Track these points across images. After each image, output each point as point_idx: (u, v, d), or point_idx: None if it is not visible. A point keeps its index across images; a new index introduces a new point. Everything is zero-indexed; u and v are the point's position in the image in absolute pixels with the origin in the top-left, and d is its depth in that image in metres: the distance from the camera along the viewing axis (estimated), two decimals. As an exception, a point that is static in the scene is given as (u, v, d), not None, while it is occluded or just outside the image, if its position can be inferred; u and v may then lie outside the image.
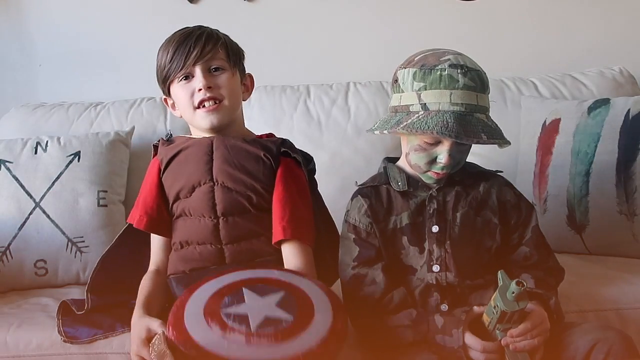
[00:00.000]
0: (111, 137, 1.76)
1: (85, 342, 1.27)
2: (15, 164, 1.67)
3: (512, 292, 1.03)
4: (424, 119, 1.10)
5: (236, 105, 1.29)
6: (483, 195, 1.22)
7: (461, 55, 1.15)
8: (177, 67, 1.24)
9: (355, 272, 1.20)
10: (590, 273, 1.46)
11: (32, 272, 1.61)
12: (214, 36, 1.27)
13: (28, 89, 2.17)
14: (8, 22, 2.17)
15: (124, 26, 2.14)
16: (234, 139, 1.27)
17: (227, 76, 1.26)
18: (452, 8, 2.14)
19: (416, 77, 1.13)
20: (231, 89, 1.26)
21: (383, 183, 1.24)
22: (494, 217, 1.21)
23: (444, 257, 1.18)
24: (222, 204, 1.24)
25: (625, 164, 1.59)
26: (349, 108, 1.91)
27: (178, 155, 1.29)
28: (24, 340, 1.29)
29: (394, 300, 1.16)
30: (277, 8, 2.15)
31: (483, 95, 1.13)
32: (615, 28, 2.13)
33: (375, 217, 1.21)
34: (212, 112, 1.25)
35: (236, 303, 1.03)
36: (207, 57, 1.24)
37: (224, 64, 1.26)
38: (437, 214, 1.20)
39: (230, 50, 1.28)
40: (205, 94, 1.23)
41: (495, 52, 2.10)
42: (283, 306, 1.04)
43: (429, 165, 1.17)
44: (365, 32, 2.15)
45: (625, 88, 1.89)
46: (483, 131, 1.09)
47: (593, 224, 1.60)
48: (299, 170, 1.28)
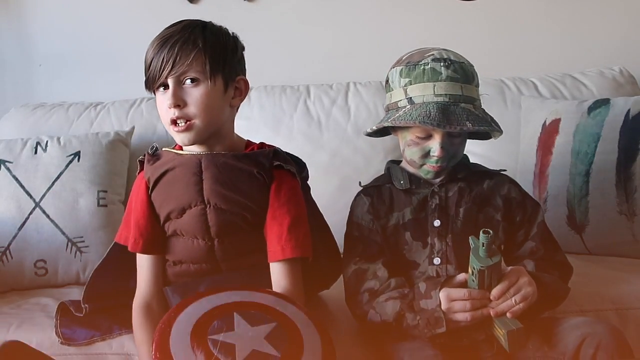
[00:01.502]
0: (111, 137, 1.76)
1: (83, 345, 1.26)
2: (15, 164, 1.67)
3: (482, 244, 1.04)
4: (409, 111, 1.15)
5: (213, 121, 1.16)
6: (487, 192, 1.23)
7: (446, 50, 1.19)
8: (154, 78, 1.14)
9: (357, 267, 1.22)
10: (590, 273, 1.46)
11: (32, 272, 1.61)
12: (190, 43, 1.13)
13: (28, 89, 2.17)
14: (8, 22, 2.17)
15: (124, 26, 2.14)
16: (224, 157, 1.18)
17: (201, 90, 1.13)
18: (452, 8, 2.14)
19: (402, 74, 1.19)
20: (205, 104, 1.13)
21: (386, 182, 1.28)
22: (496, 214, 1.22)
23: (444, 251, 1.20)
24: (216, 226, 1.17)
25: (625, 164, 1.59)
26: (349, 108, 1.91)
27: (165, 175, 1.20)
28: (23, 340, 1.28)
29: (390, 285, 1.17)
30: (277, 8, 2.15)
31: (469, 85, 1.16)
32: (615, 28, 2.13)
33: (376, 214, 1.24)
34: (182, 132, 1.14)
35: (225, 329, 0.99)
36: (178, 68, 1.12)
37: (200, 74, 1.13)
38: (439, 209, 1.22)
39: (208, 57, 1.13)
40: (174, 113, 1.13)
41: (495, 52, 2.10)
42: (272, 340, 0.99)
43: (423, 159, 1.20)
44: (365, 32, 2.15)
45: (625, 88, 1.89)
46: (468, 119, 1.12)
47: (593, 224, 1.60)
48: (293, 181, 1.22)
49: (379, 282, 1.18)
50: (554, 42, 2.14)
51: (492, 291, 1.07)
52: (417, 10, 2.15)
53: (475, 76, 1.19)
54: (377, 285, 1.18)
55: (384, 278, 1.18)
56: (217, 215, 1.17)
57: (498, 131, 1.17)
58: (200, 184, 1.17)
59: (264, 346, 0.98)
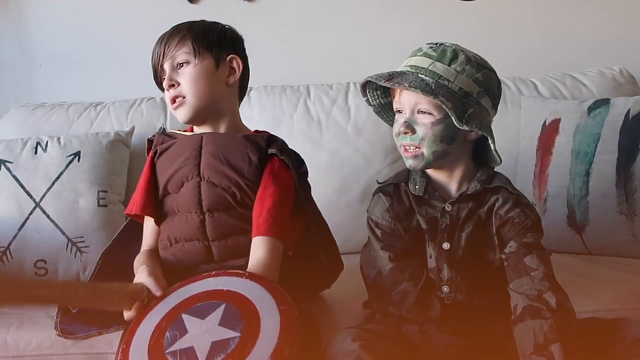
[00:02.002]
0: (111, 137, 1.76)
1: (80, 338, 1.28)
2: (15, 164, 1.67)
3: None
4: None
5: (204, 96, 1.26)
6: (487, 211, 1.18)
7: (455, 44, 1.17)
8: (156, 73, 1.28)
9: (395, 264, 1.17)
10: (590, 273, 1.46)
11: (32, 272, 1.61)
12: (176, 32, 1.27)
13: (28, 89, 2.17)
14: (8, 22, 2.17)
15: (124, 26, 2.14)
16: (223, 135, 1.28)
17: (190, 69, 1.25)
18: (453, 8, 2.14)
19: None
20: (194, 80, 1.25)
21: (403, 181, 1.22)
22: (494, 230, 1.17)
23: (454, 279, 1.16)
24: (207, 199, 1.23)
25: (625, 164, 1.59)
26: (349, 108, 1.91)
27: (171, 147, 1.30)
28: (24, 340, 1.29)
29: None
30: (277, 8, 2.15)
31: (440, 64, 1.12)
32: (615, 28, 2.14)
33: (397, 216, 1.19)
34: (177, 109, 1.26)
35: (179, 336, 0.98)
36: (170, 55, 1.25)
37: (188, 56, 1.25)
38: (450, 230, 1.17)
39: (192, 39, 1.26)
40: (170, 93, 1.26)
41: (495, 52, 2.08)
42: (227, 323, 0.98)
43: (397, 138, 1.17)
44: (365, 32, 2.15)
45: (625, 88, 1.89)
46: (411, 83, 1.09)
47: (593, 224, 1.60)
48: (286, 172, 1.25)
49: (412, 286, 1.15)
50: (554, 42, 2.14)
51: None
52: (417, 10, 2.15)
53: (456, 58, 1.12)
54: (409, 287, 1.15)
55: (416, 282, 1.16)
56: (209, 189, 1.24)
57: (446, 104, 1.08)
58: (198, 159, 1.25)
59: (220, 332, 0.97)
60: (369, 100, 1.24)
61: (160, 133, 1.36)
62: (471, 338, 1.11)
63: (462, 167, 1.19)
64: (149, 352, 0.98)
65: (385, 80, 1.12)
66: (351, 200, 1.80)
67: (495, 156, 1.16)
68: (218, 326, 0.98)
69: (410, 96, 1.13)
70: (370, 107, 1.25)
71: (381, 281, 1.19)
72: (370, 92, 1.22)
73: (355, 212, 1.77)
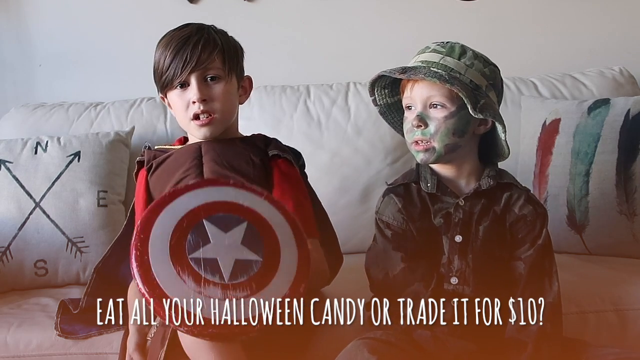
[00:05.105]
0: (111, 137, 1.76)
1: (80, 338, 1.28)
2: (15, 164, 1.67)
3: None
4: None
5: (230, 116, 1.27)
6: (503, 208, 1.18)
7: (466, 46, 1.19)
8: (175, 75, 1.21)
9: (406, 265, 1.17)
10: (590, 273, 1.46)
11: (32, 272, 1.61)
12: (211, 42, 1.23)
13: (28, 89, 2.17)
14: (8, 22, 2.17)
15: (123, 26, 2.14)
16: (221, 142, 1.27)
17: (222, 86, 1.23)
18: (453, 8, 2.14)
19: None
20: (226, 99, 1.24)
21: (413, 181, 1.21)
22: (507, 229, 1.18)
23: (464, 271, 1.16)
24: None
25: (625, 164, 1.59)
26: (349, 108, 1.91)
27: (166, 160, 1.27)
28: (24, 340, 1.29)
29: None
30: (277, 8, 2.14)
31: (450, 59, 1.15)
32: (615, 28, 2.13)
33: (410, 217, 1.19)
34: (205, 125, 1.23)
35: (202, 244, 0.93)
36: (203, 66, 1.21)
37: (220, 72, 1.23)
38: (462, 224, 1.17)
39: (227, 56, 1.24)
40: (199, 107, 1.21)
41: (495, 52, 2.08)
42: (249, 243, 0.95)
43: (409, 134, 1.17)
44: (365, 32, 2.15)
45: (625, 88, 1.89)
46: (423, 74, 1.11)
47: (593, 224, 1.60)
48: (292, 169, 1.27)
49: (424, 287, 1.14)
50: (554, 42, 2.14)
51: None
52: (417, 10, 2.15)
53: (465, 54, 1.15)
54: (420, 288, 1.14)
55: (427, 283, 1.15)
56: None
57: (462, 92, 1.09)
58: (200, 167, 1.24)
59: (243, 252, 0.94)
60: (376, 99, 1.24)
61: (148, 149, 1.33)
62: (483, 342, 1.10)
63: (469, 163, 1.20)
64: (171, 253, 0.92)
65: (399, 73, 1.13)
66: (351, 200, 1.80)
67: (504, 148, 1.17)
68: (240, 245, 0.95)
69: (423, 90, 1.14)
70: (377, 107, 1.25)
71: (390, 282, 1.18)
72: (379, 90, 1.23)
73: (355, 212, 1.77)
